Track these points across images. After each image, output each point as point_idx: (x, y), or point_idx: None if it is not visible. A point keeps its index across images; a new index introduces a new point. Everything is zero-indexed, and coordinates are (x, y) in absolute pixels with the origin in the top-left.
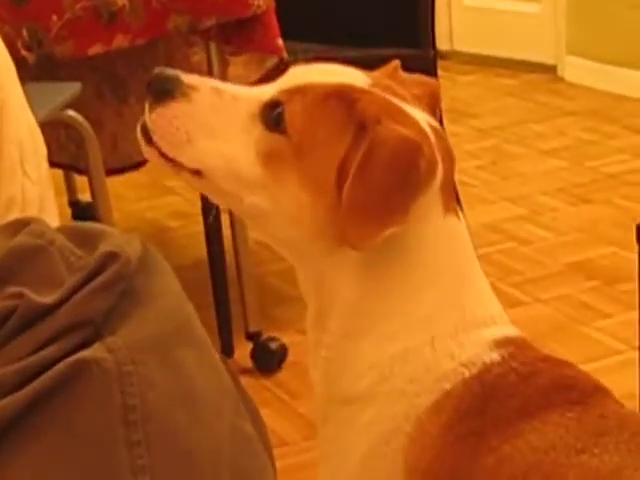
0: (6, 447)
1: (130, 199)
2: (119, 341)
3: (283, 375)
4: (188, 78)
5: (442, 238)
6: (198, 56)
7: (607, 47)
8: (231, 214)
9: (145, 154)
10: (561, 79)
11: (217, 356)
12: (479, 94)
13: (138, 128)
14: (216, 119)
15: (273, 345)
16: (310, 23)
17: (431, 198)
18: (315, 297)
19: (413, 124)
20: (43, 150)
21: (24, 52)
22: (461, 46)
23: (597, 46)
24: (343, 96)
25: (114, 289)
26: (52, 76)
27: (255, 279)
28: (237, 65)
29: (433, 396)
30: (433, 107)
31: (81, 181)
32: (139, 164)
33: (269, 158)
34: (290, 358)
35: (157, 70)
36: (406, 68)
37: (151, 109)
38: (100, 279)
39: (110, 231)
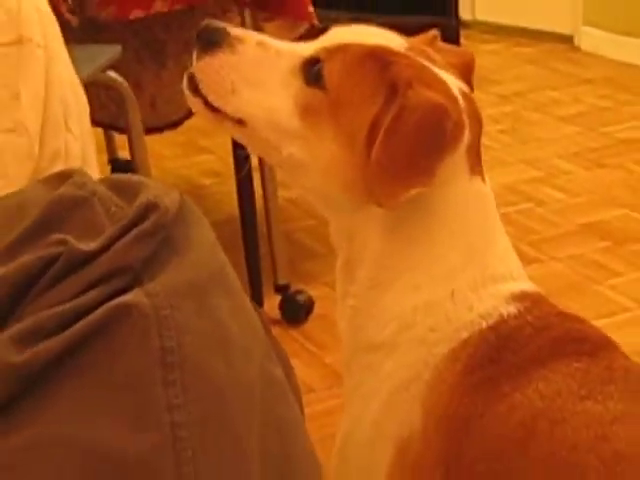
0: (49, 386)
1: (167, 157)
2: (157, 287)
3: (310, 326)
4: (235, 30)
5: (467, 199)
6: (233, 22)
7: (621, 19)
8: (262, 173)
9: (190, 104)
10: (578, 48)
11: (250, 304)
12: (500, 62)
13: (185, 79)
14: (260, 71)
15: (300, 298)
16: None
17: (458, 160)
18: (345, 248)
19: (443, 88)
20: (86, 108)
21: (68, 15)
22: (483, 16)
23: (612, 17)
24: (379, 57)
25: (153, 238)
26: (94, 39)
27: (284, 235)
28: (270, 31)
29: (451, 345)
30: (468, 76)
31: (120, 139)
32: (176, 124)
33: (307, 111)
34: (317, 310)
35: (206, 21)
36: None
37: (199, 58)
38: (139, 228)
39: (149, 182)
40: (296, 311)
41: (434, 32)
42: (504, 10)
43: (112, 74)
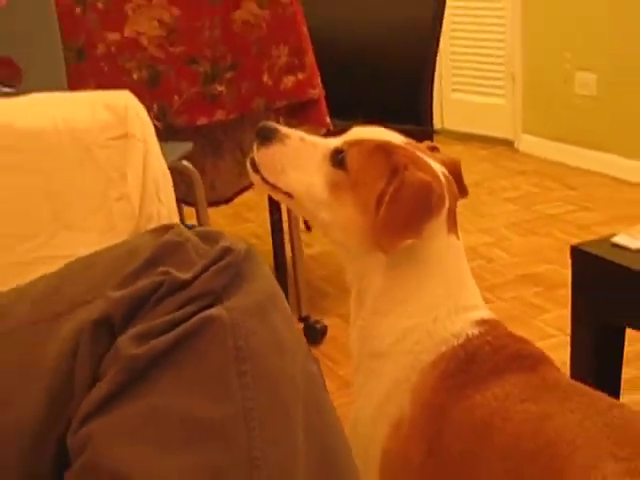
0: (157, 371)
1: (222, 224)
2: (232, 305)
3: (325, 347)
4: (283, 129)
5: (446, 250)
6: None
7: (548, 128)
8: (291, 236)
9: (252, 180)
10: (517, 150)
11: (293, 320)
12: (463, 160)
13: (248, 162)
14: (301, 158)
15: (318, 325)
16: (343, 107)
17: (440, 222)
18: (357, 285)
19: (430, 171)
20: (170, 186)
21: (155, 122)
22: (450, 125)
23: (541, 128)
24: (384, 148)
25: (228, 271)
26: (173, 138)
27: (306, 280)
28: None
29: (432, 356)
30: (458, 177)
31: (188, 211)
32: (228, 200)
33: (334, 187)
34: (330, 334)
35: (263, 122)
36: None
37: (258, 149)
38: (219, 264)
39: (224, 234)
40: (315, 335)
41: (430, 144)
42: (466, 121)
43: (185, 163)
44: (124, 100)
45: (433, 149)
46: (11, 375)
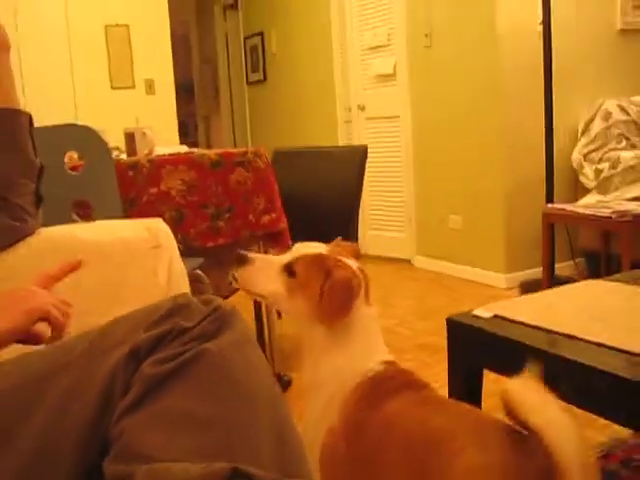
0: (167, 385)
1: None
2: (219, 342)
3: (289, 394)
4: (252, 254)
5: (364, 316)
6: (254, 247)
7: (433, 251)
8: (267, 314)
9: (235, 286)
10: (413, 265)
11: (263, 355)
12: (378, 273)
13: (230, 276)
14: (265, 273)
15: (285, 378)
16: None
17: (360, 300)
18: (306, 344)
19: (349, 268)
20: (187, 281)
21: (179, 245)
22: (369, 251)
23: (428, 251)
24: (317, 258)
25: (218, 321)
26: (190, 254)
27: (278, 343)
28: (271, 252)
29: (352, 385)
30: (357, 256)
31: None
32: (226, 297)
33: (289, 289)
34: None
35: (238, 251)
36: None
37: (236, 269)
38: (211, 317)
39: (217, 299)
40: (282, 385)
41: (338, 239)
42: (379, 248)
43: (198, 272)
44: (157, 224)
45: (354, 251)
46: (75, 387)
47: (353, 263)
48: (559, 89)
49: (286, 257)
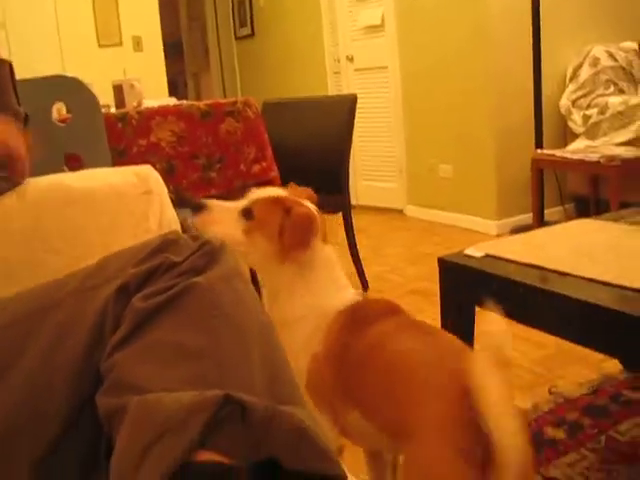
0: (157, 318)
1: None
2: (208, 275)
3: None
4: (209, 201)
5: (323, 254)
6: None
7: (423, 200)
8: None
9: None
10: (405, 215)
11: (253, 289)
12: (371, 223)
13: (190, 223)
14: (223, 218)
15: None
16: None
17: (318, 239)
18: (270, 286)
19: (307, 207)
20: (179, 226)
21: (171, 195)
22: (362, 202)
23: (419, 200)
24: (275, 199)
25: (206, 256)
26: (182, 206)
27: None
28: None
29: (332, 315)
30: (312, 200)
31: None
32: None
33: (247, 232)
34: None
35: (195, 199)
36: (334, 207)
37: (194, 215)
38: (200, 251)
39: (205, 235)
40: None
41: (292, 184)
42: (371, 198)
43: (190, 221)
44: (146, 170)
45: (309, 195)
46: (67, 323)
47: (310, 204)
48: (547, 35)
49: (243, 202)
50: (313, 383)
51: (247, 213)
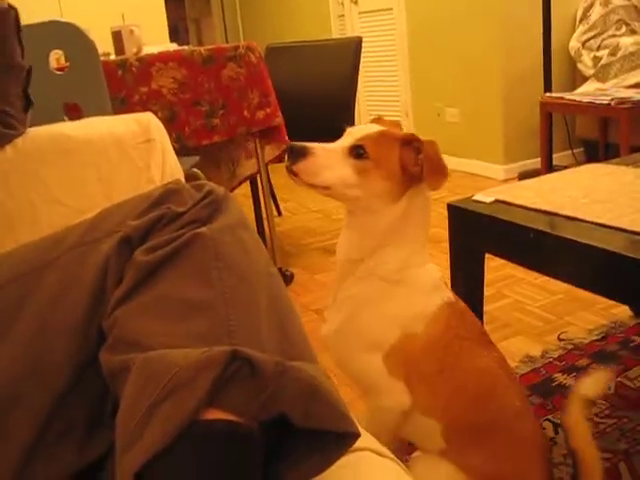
0: (160, 271)
1: None
2: (212, 226)
3: (292, 287)
4: (311, 145)
5: (428, 200)
6: (250, 143)
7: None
8: (268, 220)
9: (295, 183)
10: None
11: (259, 238)
12: None
13: (288, 172)
14: (328, 160)
15: (287, 273)
16: (295, 130)
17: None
18: (365, 228)
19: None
20: (182, 174)
21: (173, 144)
22: None
23: None
24: (386, 135)
25: (210, 206)
26: (185, 154)
27: (278, 245)
28: (268, 148)
29: (437, 303)
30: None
31: None
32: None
33: (359, 171)
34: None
35: (293, 143)
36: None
37: (293, 162)
38: (204, 201)
39: (209, 183)
40: (285, 279)
41: (378, 117)
42: None
43: (194, 170)
44: (147, 117)
45: (398, 124)
46: (66, 279)
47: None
48: None
49: (346, 141)
50: (401, 360)
51: (357, 151)
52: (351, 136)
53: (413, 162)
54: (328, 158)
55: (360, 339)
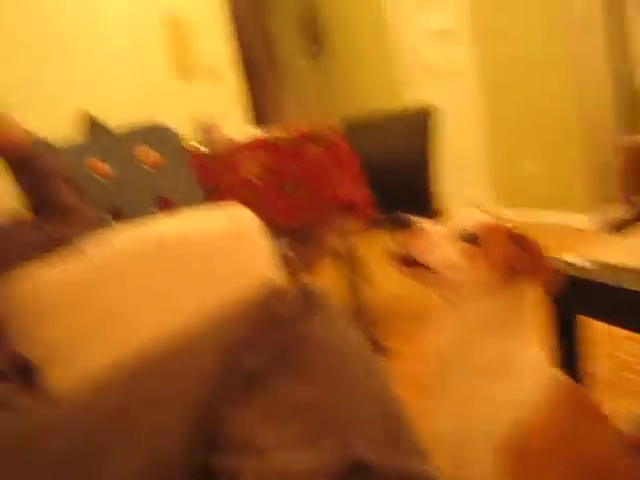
0: (263, 380)
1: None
2: (312, 323)
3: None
4: (422, 222)
5: (528, 296)
6: (336, 219)
7: (513, 200)
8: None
9: (398, 270)
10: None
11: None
12: None
13: (390, 257)
14: (441, 240)
15: (382, 345)
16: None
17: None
18: (465, 317)
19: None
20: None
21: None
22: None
23: (508, 201)
24: (498, 227)
25: (309, 304)
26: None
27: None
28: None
29: (536, 395)
30: None
31: None
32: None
33: (469, 257)
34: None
35: (404, 217)
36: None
37: (408, 237)
38: (302, 301)
39: (305, 281)
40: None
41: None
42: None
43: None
44: (238, 211)
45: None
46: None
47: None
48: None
49: (458, 224)
50: (516, 449)
51: (470, 237)
52: (461, 220)
53: (518, 258)
54: (439, 238)
55: (479, 436)
